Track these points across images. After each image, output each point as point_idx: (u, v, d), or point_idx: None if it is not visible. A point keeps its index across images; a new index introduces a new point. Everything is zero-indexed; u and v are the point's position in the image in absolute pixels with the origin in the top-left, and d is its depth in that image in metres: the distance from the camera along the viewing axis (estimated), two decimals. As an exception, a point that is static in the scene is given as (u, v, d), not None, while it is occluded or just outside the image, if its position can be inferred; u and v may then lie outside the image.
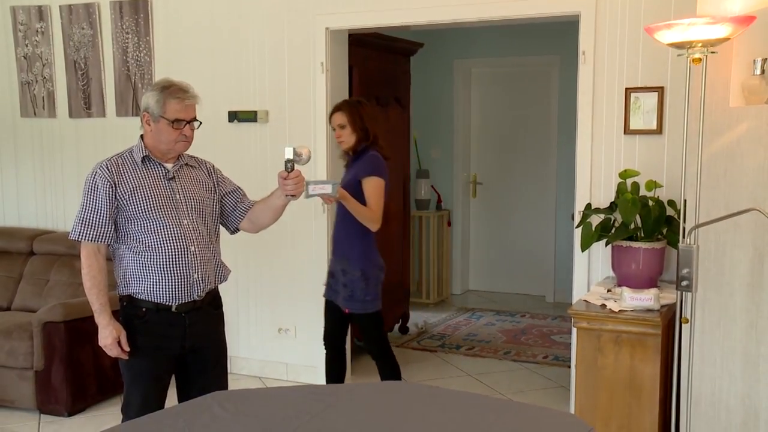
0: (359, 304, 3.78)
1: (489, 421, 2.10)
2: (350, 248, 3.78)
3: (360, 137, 3.78)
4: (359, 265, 3.76)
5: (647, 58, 3.85)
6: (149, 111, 2.78)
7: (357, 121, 3.78)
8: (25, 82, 5.49)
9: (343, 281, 3.78)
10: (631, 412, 3.29)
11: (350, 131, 3.77)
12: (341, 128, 3.78)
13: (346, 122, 3.77)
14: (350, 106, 3.83)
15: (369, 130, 3.81)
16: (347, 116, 3.77)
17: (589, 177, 4.05)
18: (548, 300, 7.16)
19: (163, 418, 2.19)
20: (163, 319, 2.78)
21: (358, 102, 3.90)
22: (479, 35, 7.10)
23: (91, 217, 2.74)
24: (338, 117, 3.80)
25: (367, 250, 3.81)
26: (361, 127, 3.79)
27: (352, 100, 3.93)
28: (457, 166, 7.41)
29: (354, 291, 3.77)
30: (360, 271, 3.75)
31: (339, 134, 3.79)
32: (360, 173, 3.72)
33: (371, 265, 3.82)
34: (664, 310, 3.32)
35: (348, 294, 3.78)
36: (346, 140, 3.79)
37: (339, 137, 3.80)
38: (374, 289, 3.82)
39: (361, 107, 3.86)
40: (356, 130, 3.78)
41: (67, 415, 4.29)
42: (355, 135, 3.78)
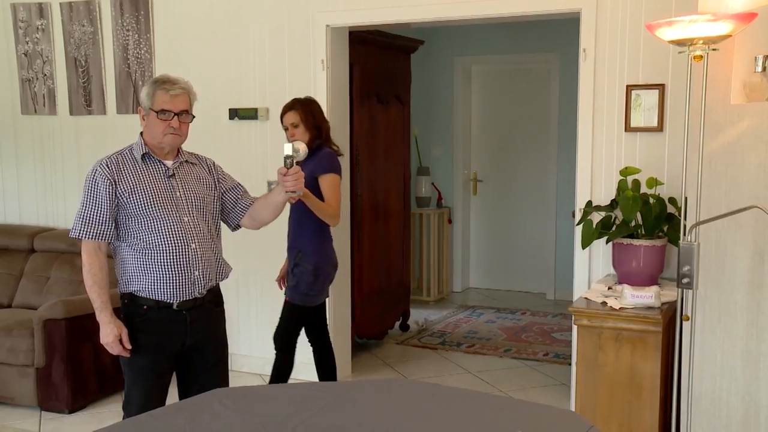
0: (300, 296, 3.83)
1: (490, 419, 2.10)
2: (307, 243, 3.82)
3: (313, 135, 3.81)
4: (313, 260, 3.81)
5: (648, 56, 3.85)
6: (142, 105, 2.80)
7: (310, 120, 3.82)
8: (25, 80, 5.49)
9: (292, 272, 3.83)
10: (631, 410, 3.29)
11: (303, 130, 3.80)
12: (294, 127, 3.80)
13: (299, 121, 3.80)
14: (303, 105, 3.85)
15: (321, 127, 3.86)
16: (300, 115, 3.80)
17: (590, 174, 4.05)
18: (549, 297, 7.16)
19: (164, 416, 2.19)
20: (164, 316, 2.78)
21: (309, 100, 3.93)
22: (479, 33, 7.10)
23: (91, 215, 2.74)
24: (291, 116, 3.82)
25: (323, 246, 3.87)
26: (314, 125, 3.83)
27: (304, 98, 3.94)
28: (457, 163, 7.41)
29: (300, 282, 3.80)
30: (312, 266, 3.80)
31: (292, 133, 3.80)
32: (316, 170, 3.72)
33: (325, 261, 3.87)
34: (664, 307, 3.32)
35: (293, 284, 3.82)
36: (300, 139, 3.78)
37: (293, 136, 3.79)
38: (321, 286, 3.88)
39: (313, 105, 3.89)
40: (309, 129, 3.81)
41: (68, 412, 4.29)
42: (308, 133, 3.80)
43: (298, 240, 3.86)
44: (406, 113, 5.95)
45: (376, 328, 5.59)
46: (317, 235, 3.83)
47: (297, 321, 3.93)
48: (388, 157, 5.65)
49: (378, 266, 5.54)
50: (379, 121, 5.49)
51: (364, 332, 5.43)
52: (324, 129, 3.88)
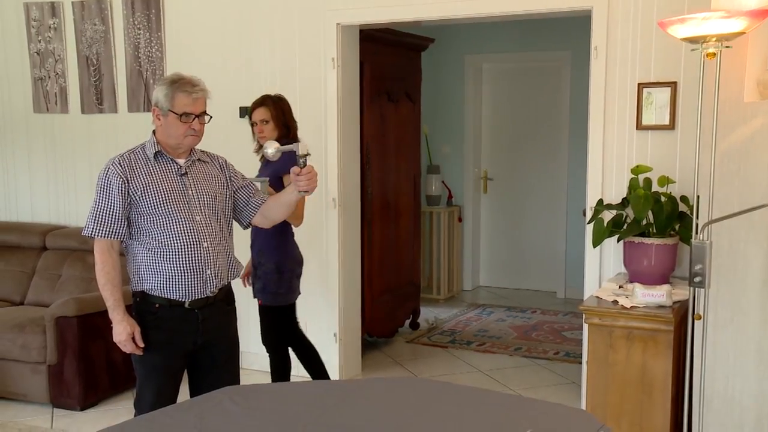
0: (270, 296, 3.81)
1: (500, 417, 2.09)
2: (267, 242, 3.78)
3: (282, 133, 3.77)
4: (274, 258, 3.78)
5: (660, 53, 3.83)
6: (159, 105, 2.78)
7: (280, 117, 3.79)
8: (38, 78, 5.52)
9: (258, 272, 3.81)
10: (642, 409, 3.28)
11: (273, 127, 3.77)
12: (264, 123, 3.77)
13: (270, 118, 3.77)
14: (274, 102, 3.82)
15: (290, 126, 3.83)
16: (271, 112, 3.78)
17: (601, 173, 4.04)
18: (559, 296, 7.14)
19: (175, 413, 2.20)
20: (176, 314, 2.79)
21: (280, 98, 3.89)
22: (490, 31, 7.08)
23: (104, 213, 2.75)
24: (261, 112, 3.79)
25: (283, 244, 3.83)
26: (283, 122, 3.80)
27: (275, 95, 3.89)
28: (467, 161, 7.40)
29: (266, 283, 3.79)
30: (274, 264, 3.78)
31: (261, 129, 3.78)
32: (282, 169, 3.59)
33: (287, 258, 3.83)
34: (676, 306, 3.31)
35: (261, 286, 3.80)
36: (269, 135, 3.75)
37: (261, 132, 3.78)
38: (288, 283, 3.84)
39: (283, 103, 3.86)
40: (279, 126, 3.78)
41: (80, 409, 4.32)
42: (277, 130, 3.77)
43: (259, 238, 3.81)
44: (417, 111, 5.95)
45: (387, 327, 5.59)
46: (277, 232, 3.74)
47: (276, 321, 3.91)
48: (399, 156, 5.65)
49: (388, 264, 5.54)
50: (390, 119, 5.49)
51: (375, 330, 5.43)
52: (292, 128, 3.84)
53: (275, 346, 3.95)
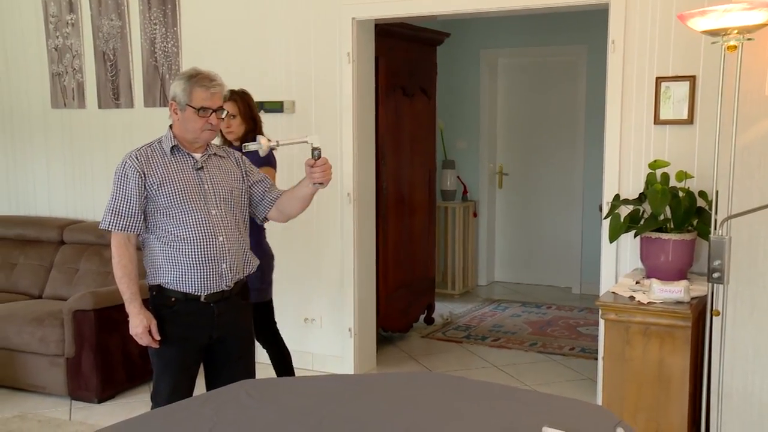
0: (254, 293, 3.65)
1: (516, 412, 2.09)
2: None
3: (249, 127, 3.73)
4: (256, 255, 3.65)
5: (679, 47, 3.80)
6: (176, 100, 2.79)
7: (246, 111, 3.74)
8: (55, 74, 5.55)
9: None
10: (659, 405, 3.26)
11: (240, 121, 3.72)
12: (231, 118, 3.70)
13: (237, 112, 3.71)
14: (240, 96, 3.76)
15: (257, 119, 3.79)
16: (238, 106, 3.71)
17: (618, 168, 4.01)
18: (574, 291, 7.11)
19: (191, 406, 2.21)
20: (191, 308, 2.80)
21: (245, 92, 3.83)
22: (506, 25, 7.05)
23: (121, 207, 2.76)
24: (228, 107, 3.63)
25: (260, 241, 3.76)
26: (250, 116, 3.75)
27: (239, 90, 3.81)
28: (483, 156, 7.37)
29: (250, 281, 3.62)
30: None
31: (229, 124, 3.70)
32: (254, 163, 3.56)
33: (265, 254, 3.77)
34: (694, 302, 3.28)
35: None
36: (235, 130, 3.72)
37: (228, 127, 3.70)
38: (268, 278, 3.82)
39: (248, 97, 3.81)
40: (246, 120, 3.73)
41: (97, 401, 4.35)
42: (244, 125, 3.73)
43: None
44: (432, 106, 5.93)
45: (401, 322, 5.59)
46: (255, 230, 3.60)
47: (264, 316, 3.84)
48: (414, 151, 5.64)
49: (403, 259, 5.53)
50: (405, 114, 5.48)
51: (389, 325, 5.43)
52: (258, 121, 3.80)
53: (270, 340, 3.92)
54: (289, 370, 3.95)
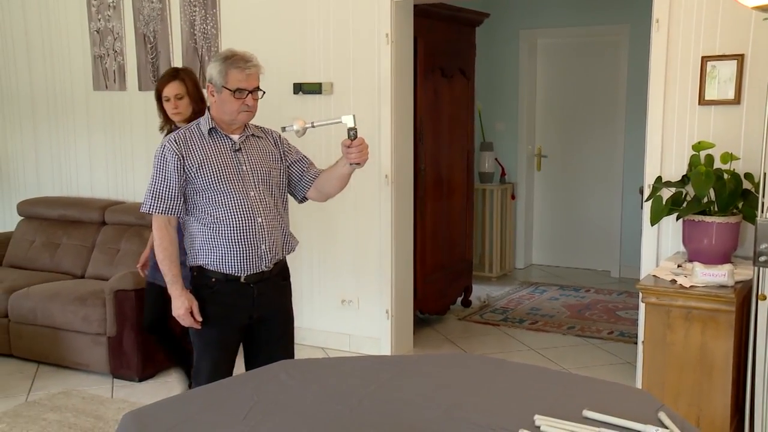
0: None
1: (557, 394, 2.07)
2: None
3: (197, 109, 3.53)
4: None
5: (726, 24, 3.70)
6: (213, 82, 2.79)
7: (194, 91, 3.56)
8: (97, 56, 5.62)
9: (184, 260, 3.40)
10: (701, 391, 3.21)
11: (188, 102, 3.54)
12: (178, 99, 3.51)
13: (185, 92, 3.53)
14: (188, 75, 3.58)
15: (204, 100, 3.56)
16: (186, 86, 3.53)
17: (660, 149, 3.93)
18: (613, 275, 7.03)
19: (232, 385, 2.23)
20: (232, 289, 2.82)
21: (191, 71, 3.68)
22: (546, 4, 6.95)
23: (161, 190, 2.79)
24: (176, 87, 3.52)
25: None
26: (199, 97, 3.57)
27: (186, 68, 3.64)
28: (521, 138, 7.30)
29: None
30: None
31: (176, 105, 3.52)
32: None
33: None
34: (738, 286, 3.22)
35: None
36: (183, 111, 3.53)
37: (176, 108, 3.52)
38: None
39: (195, 76, 3.65)
40: (194, 101, 3.55)
41: (138, 380, 4.43)
42: (192, 105, 3.54)
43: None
44: (471, 87, 5.88)
45: (438, 304, 5.58)
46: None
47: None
48: (452, 132, 5.60)
49: (441, 242, 5.52)
50: (443, 95, 5.44)
51: (427, 308, 5.43)
52: (205, 102, 3.56)
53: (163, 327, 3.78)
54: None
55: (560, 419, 1.84)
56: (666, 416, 1.87)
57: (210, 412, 1.99)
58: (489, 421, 1.87)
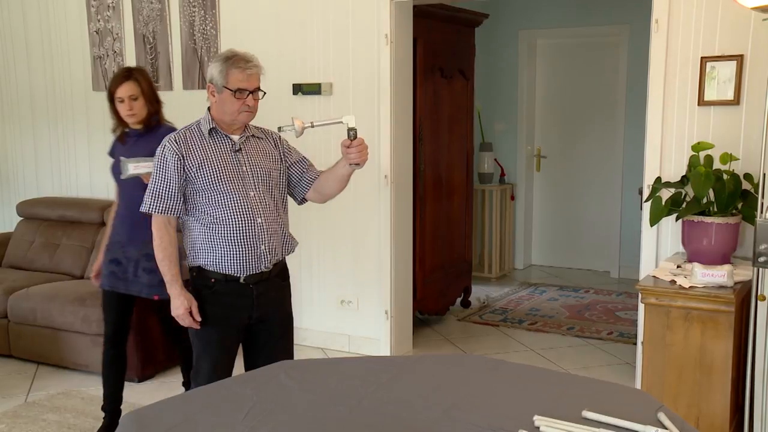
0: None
1: (556, 395, 2.07)
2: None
3: (152, 110, 3.46)
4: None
5: (726, 25, 3.70)
6: (213, 82, 2.80)
7: (149, 92, 3.45)
8: (96, 57, 5.62)
9: (148, 266, 3.38)
10: (701, 391, 3.21)
11: (143, 103, 3.42)
12: (133, 100, 3.39)
13: (139, 93, 3.40)
14: (143, 75, 3.46)
15: (160, 101, 3.51)
16: (141, 86, 3.41)
17: (660, 150, 3.94)
18: (613, 276, 7.03)
19: (232, 385, 2.23)
20: (231, 289, 2.82)
21: (145, 71, 3.56)
22: (545, 5, 6.95)
23: (160, 190, 2.79)
24: (130, 87, 3.39)
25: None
26: (155, 98, 3.48)
27: (140, 68, 3.51)
28: (521, 139, 7.30)
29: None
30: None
31: (131, 107, 3.39)
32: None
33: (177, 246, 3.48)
34: (737, 287, 3.22)
35: (159, 279, 3.17)
36: (138, 113, 3.42)
37: (131, 110, 3.40)
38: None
39: (148, 75, 3.53)
40: (150, 102, 3.45)
41: (138, 380, 4.43)
42: (148, 107, 3.44)
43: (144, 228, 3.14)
44: (470, 88, 5.88)
45: (438, 304, 5.58)
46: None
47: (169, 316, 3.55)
48: (452, 133, 5.60)
49: (440, 242, 5.52)
50: (443, 95, 5.44)
51: (426, 308, 5.43)
52: (160, 103, 3.52)
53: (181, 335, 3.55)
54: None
55: (559, 420, 1.84)
56: (665, 417, 1.87)
57: (209, 413, 1.99)
58: (488, 422, 1.87)
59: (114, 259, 3.52)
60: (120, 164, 3.26)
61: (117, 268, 3.51)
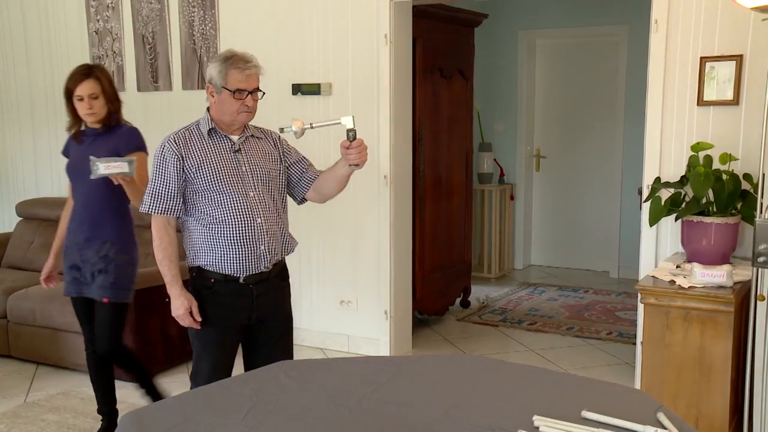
0: (124, 292, 3.38)
1: (556, 395, 2.07)
2: (117, 231, 3.37)
3: (112, 109, 3.35)
4: (128, 249, 3.40)
5: (725, 25, 3.70)
6: (212, 82, 2.80)
7: (110, 90, 3.35)
8: (96, 57, 5.61)
9: (103, 267, 3.34)
10: (700, 391, 3.21)
11: (103, 102, 3.31)
12: (93, 99, 3.28)
13: (100, 92, 3.29)
14: (102, 73, 3.35)
15: (119, 100, 3.41)
16: (102, 84, 3.30)
17: (659, 150, 3.94)
18: (612, 276, 7.03)
19: (232, 385, 2.23)
20: (231, 290, 2.82)
21: (104, 67, 3.45)
22: (545, 5, 6.95)
23: (160, 190, 2.79)
24: (90, 86, 3.28)
25: (132, 233, 3.44)
26: (115, 96, 3.37)
27: (98, 65, 3.40)
28: (520, 139, 7.30)
29: (120, 278, 3.35)
30: (129, 255, 3.40)
31: (91, 105, 3.28)
32: (123, 148, 3.29)
33: (136, 249, 3.47)
34: (737, 287, 3.22)
35: (110, 281, 3.33)
36: (98, 112, 3.31)
37: (90, 109, 3.29)
38: (136, 276, 3.48)
39: (108, 73, 3.42)
40: (110, 101, 3.34)
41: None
42: (108, 106, 3.33)
43: (104, 228, 3.34)
44: (470, 88, 5.88)
45: (437, 305, 5.58)
46: (124, 220, 3.39)
47: (123, 319, 3.47)
48: (451, 133, 5.60)
49: (439, 242, 5.52)
50: (442, 96, 5.44)
51: (425, 308, 5.44)
52: (121, 102, 3.43)
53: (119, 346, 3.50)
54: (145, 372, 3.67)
55: (559, 420, 1.84)
56: (665, 417, 1.87)
57: (209, 413, 1.99)
58: (488, 422, 1.87)
59: (73, 264, 3.42)
60: (89, 164, 3.12)
61: (78, 273, 3.42)
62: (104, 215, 3.35)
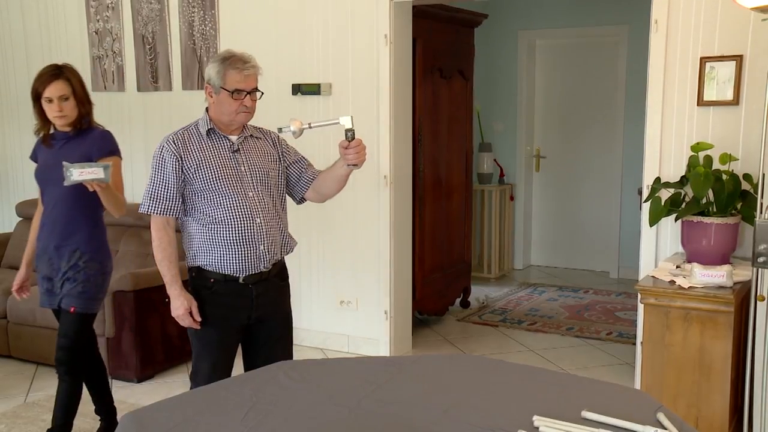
0: (91, 302, 3.28)
1: (556, 395, 2.07)
2: (87, 240, 3.26)
3: (83, 111, 3.24)
4: (99, 258, 3.29)
5: (725, 25, 3.70)
6: (211, 83, 2.80)
7: (81, 92, 3.23)
8: (96, 57, 5.61)
9: (72, 276, 3.24)
10: (700, 392, 3.21)
11: (74, 104, 3.19)
12: (63, 100, 3.15)
13: (70, 93, 3.17)
14: (73, 74, 3.22)
15: (91, 102, 3.29)
16: (72, 85, 3.18)
17: (659, 150, 3.94)
18: (612, 276, 7.03)
19: (231, 386, 2.23)
20: (230, 290, 2.82)
21: (74, 68, 3.29)
22: (544, 5, 6.95)
23: (159, 190, 2.79)
24: (60, 87, 3.15)
25: (105, 241, 3.34)
26: (87, 99, 3.26)
27: (68, 65, 3.25)
28: (520, 139, 7.30)
29: (88, 287, 3.24)
30: (99, 264, 3.29)
31: (60, 108, 3.15)
32: (96, 153, 3.20)
33: (109, 257, 3.37)
34: (737, 287, 3.22)
35: (79, 290, 3.23)
36: (69, 114, 3.18)
37: (60, 111, 3.15)
38: (107, 285, 3.38)
39: (79, 74, 3.28)
40: (81, 103, 3.22)
41: (137, 381, 4.42)
42: (79, 108, 3.21)
43: (74, 236, 3.23)
44: (469, 88, 5.88)
45: (437, 305, 5.58)
46: (96, 227, 3.30)
47: (88, 333, 3.41)
48: (451, 133, 5.60)
49: (439, 242, 5.52)
50: (442, 96, 5.44)
51: (425, 308, 5.43)
52: (92, 104, 3.31)
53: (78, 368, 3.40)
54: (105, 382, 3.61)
55: (559, 420, 1.84)
56: (665, 417, 1.87)
57: (209, 413, 1.99)
58: (488, 422, 1.87)
59: (45, 276, 3.32)
60: (62, 170, 2.95)
61: (50, 285, 3.33)
62: (75, 223, 3.24)
